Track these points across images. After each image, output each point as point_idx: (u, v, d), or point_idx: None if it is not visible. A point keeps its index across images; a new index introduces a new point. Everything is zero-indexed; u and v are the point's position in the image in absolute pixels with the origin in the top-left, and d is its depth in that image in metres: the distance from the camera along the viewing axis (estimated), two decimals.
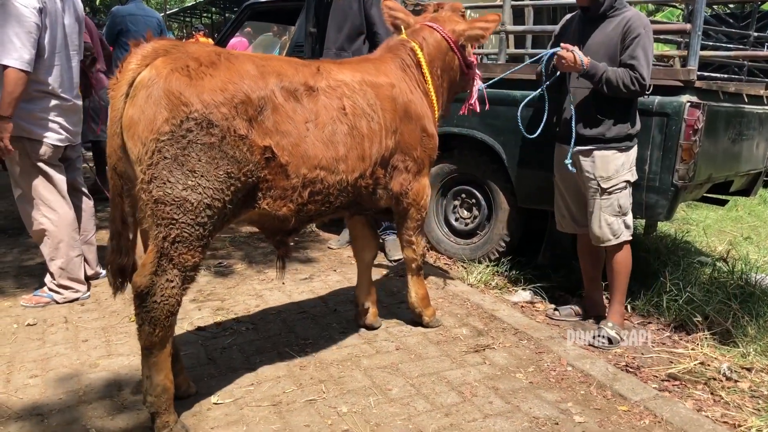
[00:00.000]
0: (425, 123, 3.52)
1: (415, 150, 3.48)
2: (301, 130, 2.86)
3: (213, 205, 2.60)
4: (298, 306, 4.31)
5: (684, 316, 4.38)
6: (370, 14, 5.12)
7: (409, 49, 3.59)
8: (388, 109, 3.29)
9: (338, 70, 3.18)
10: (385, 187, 3.45)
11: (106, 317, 4.09)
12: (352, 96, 3.11)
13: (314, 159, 2.92)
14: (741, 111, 4.83)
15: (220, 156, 2.58)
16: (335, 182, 3.04)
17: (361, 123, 3.12)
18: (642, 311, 4.56)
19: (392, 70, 3.47)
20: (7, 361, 3.47)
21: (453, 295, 4.53)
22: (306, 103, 2.89)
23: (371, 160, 3.21)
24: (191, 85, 2.54)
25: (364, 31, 5.17)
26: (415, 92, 3.50)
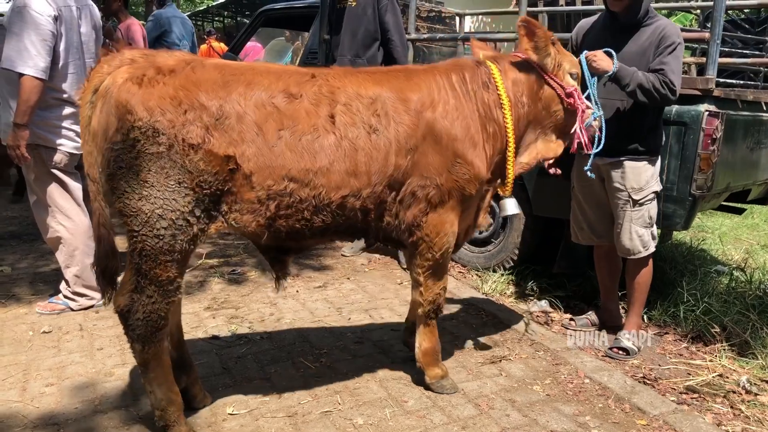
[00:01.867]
0: (462, 148, 2.96)
1: (440, 176, 2.93)
2: (271, 138, 2.62)
3: (166, 216, 2.53)
4: (312, 315, 4.29)
5: (701, 326, 4.34)
6: (384, 20, 5.12)
7: (482, 69, 3.12)
8: (405, 123, 2.85)
9: (341, 77, 2.89)
10: (397, 215, 2.98)
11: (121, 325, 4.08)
12: (350, 104, 2.76)
13: (281, 169, 2.63)
14: (759, 119, 4.78)
15: (169, 165, 2.51)
16: (309, 197, 2.70)
17: (355, 134, 2.74)
18: (658, 321, 4.51)
19: (434, 82, 3.00)
20: (23, 369, 3.47)
21: (468, 304, 4.50)
22: (284, 110, 2.65)
23: (369, 179, 2.80)
24: (139, 93, 2.50)
25: (378, 38, 5.18)
26: (460, 110, 2.98)
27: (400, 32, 5.24)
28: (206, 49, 16.77)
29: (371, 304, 4.52)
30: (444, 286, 3.23)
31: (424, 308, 3.23)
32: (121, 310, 2.69)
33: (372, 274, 5.22)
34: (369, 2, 5.11)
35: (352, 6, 5.16)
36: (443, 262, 3.15)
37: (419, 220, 2.99)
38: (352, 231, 3.00)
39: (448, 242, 3.10)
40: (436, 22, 6.98)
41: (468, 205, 3.15)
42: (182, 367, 3.02)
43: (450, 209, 3.04)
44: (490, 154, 3.10)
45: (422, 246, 3.06)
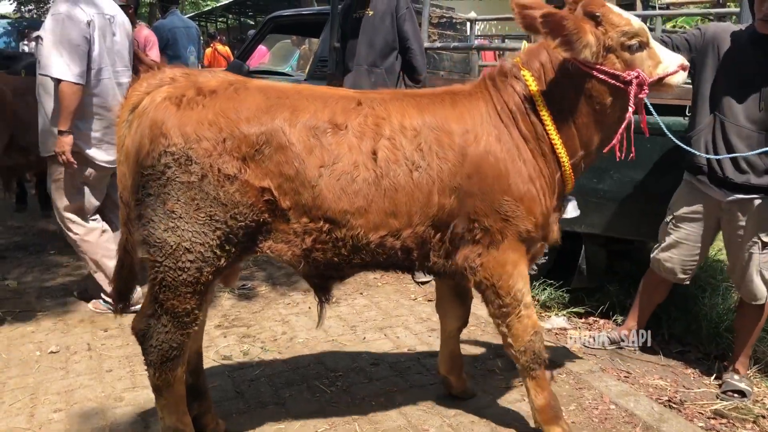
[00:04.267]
0: (508, 183, 2.64)
1: (487, 217, 2.63)
2: (311, 174, 2.46)
3: (193, 249, 2.44)
4: (325, 334, 4.18)
5: (725, 345, 4.23)
6: (403, 29, 5.02)
7: (515, 82, 2.74)
8: (449, 160, 2.58)
9: (387, 104, 2.64)
10: (446, 256, 2.72)
11: (130, 345, 3.98)
12: (394, 138, 2.54)
13: (318, 209, 2.50)
14: None
15: (200, 197, 2.40)
16: (346, 236, 2.55)
17: (397, 172, 2.52)
18: (680, 338, 4.40)
19: (477, 111, 2.69)
20: (31, 393, 3.37)
21: (485, 322, 4.39)
22: (327, 142, 2.49)
23: (410, 219, 2.58)
24: (176, 115, 2.40)
25: (396, 47, 5.08)
26: (504, 141, 2.66)
27: (419, 41, 5.14)
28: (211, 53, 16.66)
29: (385, 321, 4.41)
30: (534, 330, 2.81)
31: (520, 361, 2.85)
32: (137, 333, 2.63)
33: (385, 289, 5.11)
34: (387, 12, 5.01)
35: (369, 15, 5.05)
36: (519, 305, 2.76)
37: (473, 263, 2.70)
38: (397, 267, 2.80)
39: (515, 284, 2.72)
40: (447, 28, 6.89)
41: (532, 241, 2.79)
42: (195, 395, 2.92)
43: (508, 250, 2.69)
44: (546, 182, 2.74)
45: (487, 292, 2.75)
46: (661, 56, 2.70)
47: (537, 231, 2.75)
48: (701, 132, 3.55)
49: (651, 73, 2.65)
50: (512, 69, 2.77)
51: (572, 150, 2.75)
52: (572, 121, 2.72)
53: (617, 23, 2.62)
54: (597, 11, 2.60)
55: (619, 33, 2.60)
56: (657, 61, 2.69)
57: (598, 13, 2.60)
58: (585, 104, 2.69)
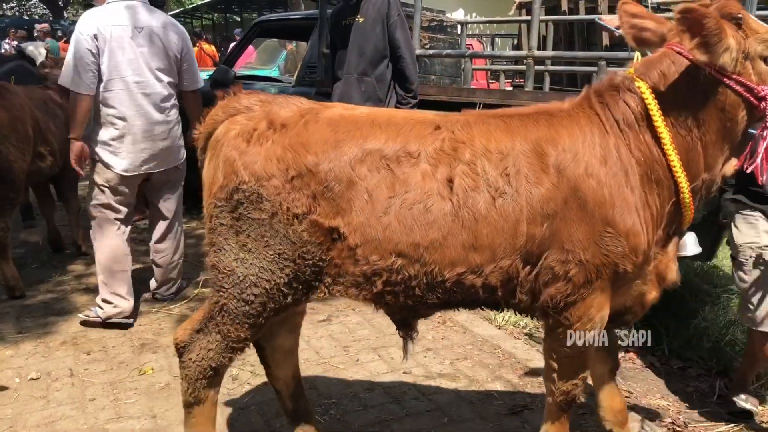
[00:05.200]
0: (612, 214, 2.32)
1: (585, 251, 2.32)
2: (380, 207, 2.31)
3: (260, 285, 2.41)
4: (317, 355, 4.05)
5: (726, 360, 4.14)
6: (394, 37, 4.87)
7: (628, 96, 2.42)
8: (542, 184, 2.31)
9: (470, 127, 2.41)
10: (532, 293, 2.42)
11: (114, 369, 3.84)
12: (474, 164, 2.32)
13: (388, 243, 2.31)
14: None
15: (270, 234, 2.36)
16: (419, 274, 2.34)
17: (477, 200, 2.29)
18: (681, 354, 4.30)
19: (579, 130, 2.40)
20: (9, 426, 3.22)
21: (482, 340, 4.27)
22: (399, 172, 2.32)
23: (493, 253, 2.33)
24: (247, 152, 2.38)
25: (387, 55, 4.93)
26: (611, 165, 2.35)
27: (411, 49, 4.99)
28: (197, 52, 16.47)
29: (379, 341, 4.28)
30: (584, 376, 2.62)
31: (555, 397, 2.63)
32: (178, 345, 2.64)
33: None
34: (378, 19, 4.86)
35: (359, 23, 4.89)
36: (585, 351, 2.54)
37: (558, 301, 2.39)
38: (479, 305, 2.56)
39: (592, 329, 2.47)
40: (437, 31, 6.76)
41: (625, 282, 2.48)
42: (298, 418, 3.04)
43: (598, 290, 2.39)
44: (656, 213, 2.42)
45: (560, 330, 2.47)
46: None
47: (634, 272, 2.43)
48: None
49: None
50: (624, 81, 2.45)
51: (694, 173, 2.41)
52: (698, 139, 2.38)
53: (757, 29, 2.33)
54: (738, 13, 2.30)
55: (759, 40, 2.31)
56: None
57: (739, 15, 2.30)
58: (716, 119, 2.36)
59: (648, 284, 2.58)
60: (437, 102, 5.17)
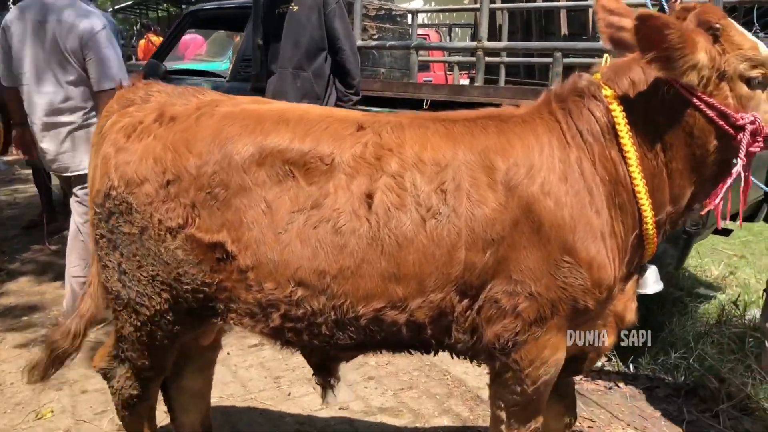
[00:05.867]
0: (573, 239, 1.96)
1: (537, 282, 1.96)
2: (279, 221, 1.94)
3: (140, 311, 2.11)
4: (244, 389, 3.57)
5: (696, 378, 3.81)
6: (332, 27, 4.40)
7: (593, 104, 2.06)
8: (487, 203, 1.95)
9: (402, 130, 2.03)
10: (472, 331, 2.05)
11: (8, 412, 3.34)
12: (400, 176, 1.95)
13: (287, 267, 1.95)
14: None
15: (141, 253, 2.04)
16: (325, 308, 1.98)
17: (402, 222, 1.92)
18: (647, 370, 3.95)
19: (535, 140, 2.04)
20: None
21: (430, 364, 3.85)
22: (305, 180, 1.96)
23: (421, 284, 1.96)
24: (123, 149, 2.05)
25: (325, 47, 4.46)
26: (572, 182, 2.00)
27: (351, 40, 4.53)
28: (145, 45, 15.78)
29: None
30: (536, 428, 2.23)
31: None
32: (98, 370, 2.46)
33: None
34: (314, 7, 4.38)
35: (293, 11, 4.41)
36: (537, 398, 2.16)
37: (505, 341, 2.02)
38: (405, 347, 2.17)
39: (546, 373, 2.10)
40: (386, 20, 6.30)
41: (584, 321, 2.11)
42: None
43: (553, 329, 2.04)
44: (621, 243, 2.06)
45: (508, 375, 2.11)
46: None
47: (596, 310, 2.07)
48: None
49: (767, 122, 1.97)
50: (590, 87, 2.09)
51: (659, 203, 2.06)
52: (665, 165, 2.04)
53: (740, 44, 1.96)
54: (716, 22, 1.95)
55: (740, 57, 1.95)
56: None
57: (717, 25, 1.94)
58: (683, 144, 2.01)
59: (607, 326, 2.20)
60: (383, 99, 4.72)
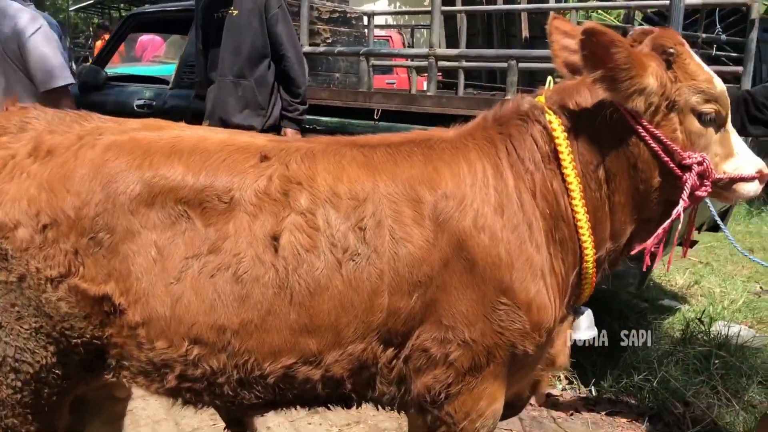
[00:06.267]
0: (514, 279, 1.78)
1: (471, 327, 1.76)
2: (171, 270, 1.71)
3: (22, 370, 1.79)
4: (177, 428, 3.30)
5: (660, 401, 3.64)
6: (275, 32, 4.13)
7: (535, 129, 1.89)
8: (412, 241, 1.74)
9: (317, 160, 1.81)
10: (399, 382, 1.85)
11: None
12: (312, 213, 1.72)
13: (180, 322, 1.71)
14: None
15: (21, 303, 1.75)
16: (227, 367, 1.74)
17: (314, 266, 1.70)
18: (610, 394, 3.76)
19: (468, 168, 1.83)
20: None
21: None
22: (201, 222, 1.72)
23: (337, 335, 1.74)
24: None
25: (268, 54, 4.18)
26: (510, 215, 1.81)
27: (296, 46, 4.26)
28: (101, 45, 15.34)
29: None
30: None
31: None
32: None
33: None
34: (255, 11, 4.10)
35: (233, 15, 4.12)
36: None
37: (436, 393, 1.82)
38: (320, 403, 1.93)
39: (483, 426, 1.91)
40: (340, 24, 6.04)
41: (523, 366, 1.93)
42: None
43: (490, 378, 1.84)
44: (562, 282, 1.89)
45: (442, 430, 1.90)
46: (736, 148, 1.91)
47: (536, 355, 1.89)
48: None
49: (717, 165, 1.86)
50: (533, 110, 1.91)
51: (600, 239, 1.90)
52: (607, 197, 1.88)
53: (695, 74, 1.83)
54: (671, 46, 1.81)
55: (693, 89, 1.81)
56: (729, 153, 1.90)
57: (672, 50, 1.81)
58: (627, 177, 1.86)
59: (543, 369, 2.05)
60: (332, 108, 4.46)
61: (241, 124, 4.10)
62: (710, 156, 1.84)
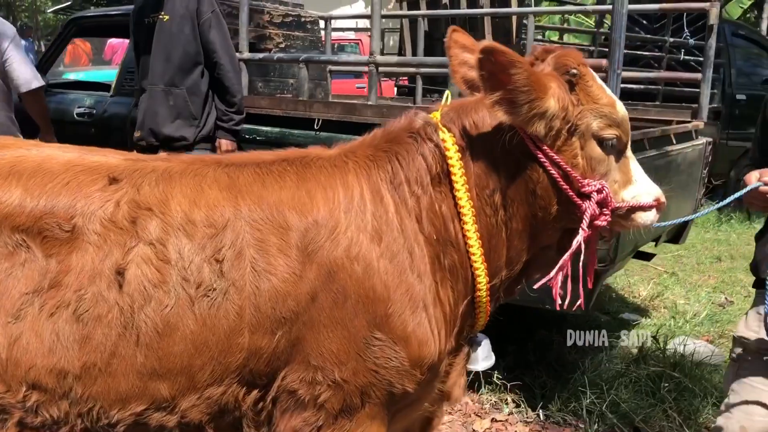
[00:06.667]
0: (391, 312, 1.64)
1: (342, 366, 1.62)
2: (10, 308, 1.53)
3: None
4: None
5: (611, 426, 3.47)
6: (208, 39, 3.94)
7: (426, 148, 1.76)
8: (276, 273, 1.58)
9: (172, 182, 1.64)
10: (269, 423, 1.70)
11: None
12: (162, 243, 1.56)
13: (17, 368, 1.53)
14: (669, 158, 3.90)
15: None
16: (69, 415, 1.56)
17: (164, 303, 1.54)
18: (557, 419, 3.59)
19: (344, 191, 1.69)
20: None
21: None
22: (43, 253, 1.54)
23: (192, 379, 1.58)
24: None
25: (201, 61, 3.99)
26: (389, 242, 1.67)
27: (230, 53, 4.06)
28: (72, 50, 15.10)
29: None
30: None
31: None
32: None
33: None
34: (186, 17, 3.90)
35: (164, 21, 3.92)
36: None
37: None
38: None
39: None
40: (294, 28, 5.84)
41: (405, 405, 1.79)
42: None
43: (366, 420, 1.69)
44: (449, 312, 1.77)
45: None
46: (635, 175, 1.83)
47: (418, 393, 1.75)
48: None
49: (616, 193, 1.78)
50: (426, 128, 1.78)
51: (495, 266, 1.80)
52: (504, 223, 1.78)
53: (598, 97, 1.74)
54: (574, 68, 1.71)
55: (596, 114, 1.72)
56: (628, 180, 1.82)
57: (575, 71, 1.71)
58: (525, 203, 1.76)
59: (435, 405, 1.91)
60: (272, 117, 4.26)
61: (171, 135, 3.92)
62: (610, 183, 1.76)
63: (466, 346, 1.95)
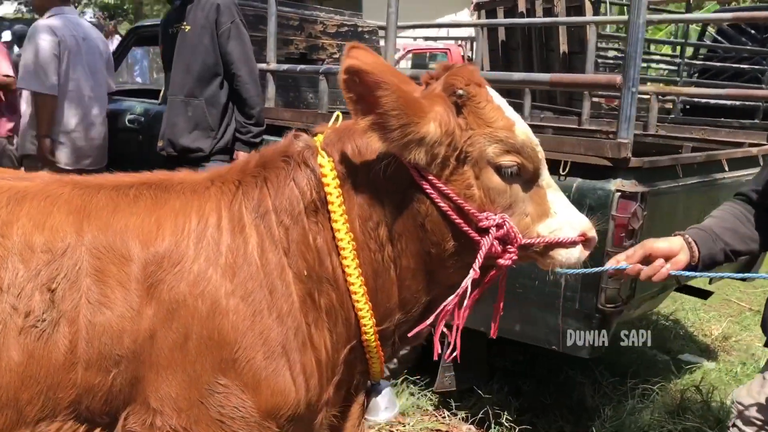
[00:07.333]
0: (238, 356, 1.49)
1: (181, 412, 1.48)
2: None
3: None
4: None
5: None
6: (226, 51, 3.88)
7: (300, 174, 1.60)
8: (114, 306, 1.46)
9: (21, 204, 1.52)
10: None
11: None
12: (1, 268, 1.45)
13: None
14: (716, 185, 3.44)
15: None
16: None
17: None
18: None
19: (198, 219, 1.55)
20: None
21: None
22: None
23: (19, 414, 1.46)
24: None
25: (220, 72, 3.94)
26: (244, 278, 1.52)
27: (249, 64, 3.98)
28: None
29: None
30: None
31: None
32: None
33: None
34: (206, 27, 3.86)
35: (185, 31, 3.91)
36: None
37: None
38: None
39: None
40: (350, 38, 5.72)
41: None
42: None
43: None
44: (325, 358, 1.60)
45: None
46: (554, 207, 1.62)
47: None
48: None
49: (528, 227, 1.59)
50: (303, 152, 1.62)
51: (384, 308, 1.62)
52: (392, 261, 1.60)
53: (491, 120, 1.53)
54: (461, 87, 1.51)
55: (489, 138, 1.52)
56: (544, 212, 1.61)
57: (461, 91, 1.51)
58: (416, 239, 1.58)
59: None
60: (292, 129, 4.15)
61: (188, 146, 3.90)
62: (517, 216, 1.57)
63: (362, 395, 1.75)
